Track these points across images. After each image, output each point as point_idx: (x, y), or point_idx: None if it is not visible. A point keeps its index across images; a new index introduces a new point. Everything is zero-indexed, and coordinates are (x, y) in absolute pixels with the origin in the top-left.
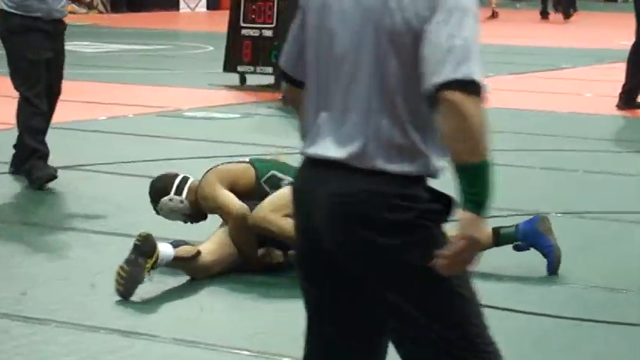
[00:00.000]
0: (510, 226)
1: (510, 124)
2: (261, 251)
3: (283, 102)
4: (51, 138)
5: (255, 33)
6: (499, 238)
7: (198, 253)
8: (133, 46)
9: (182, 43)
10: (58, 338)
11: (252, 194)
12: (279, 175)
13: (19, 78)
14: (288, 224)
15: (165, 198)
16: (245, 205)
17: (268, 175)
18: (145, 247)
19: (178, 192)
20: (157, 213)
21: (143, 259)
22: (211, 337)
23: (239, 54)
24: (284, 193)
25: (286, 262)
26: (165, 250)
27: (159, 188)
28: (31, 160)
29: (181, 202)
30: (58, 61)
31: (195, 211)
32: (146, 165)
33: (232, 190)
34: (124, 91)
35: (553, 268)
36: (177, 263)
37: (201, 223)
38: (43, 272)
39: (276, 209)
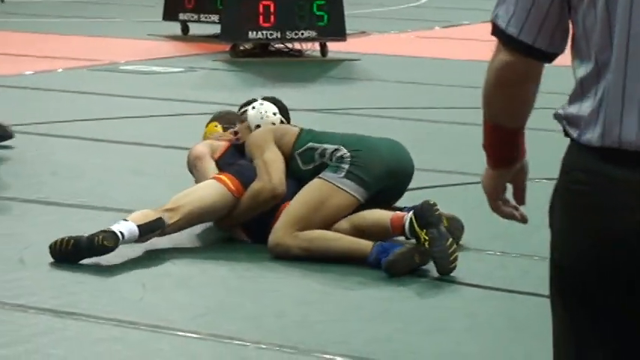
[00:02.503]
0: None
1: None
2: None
3: (233, 54)
4: None
5: None
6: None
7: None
8: None
9: None
10: None
11: (286, 158)
12: (315, 145)
13: None
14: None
15: (275, 108)
16: (285, 183)
17: (305, 147)
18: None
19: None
20: (248, 102)
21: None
22: (155, 318)
23: (181, 0)
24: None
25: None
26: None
27: (281, 104)
28: None
29: (273, 123)
30: None
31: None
32: (79, 125)
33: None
34: (52, 42)
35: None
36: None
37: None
38: None
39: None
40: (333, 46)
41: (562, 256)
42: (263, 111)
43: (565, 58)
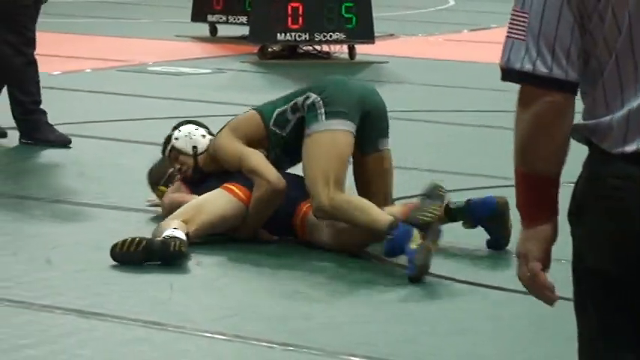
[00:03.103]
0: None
1: None
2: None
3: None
4: None
5: None
6: (451, 212)
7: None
8: None
9: None
10: (11, 318)
11: (264, 141)
12: (282, 108)
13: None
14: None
15: (192, 126)
16: (281, 176)
17: (274, 116)
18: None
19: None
20: (166, 140)
21: None
22: (181, 319)
23: (209, 1)
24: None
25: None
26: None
27: (191, 120)
28: None
29: (203, 136)
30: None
31: (204, 162)
32: (107, 126)
33: (247, 142)
34: (80, 42)
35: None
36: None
37: None
38: None
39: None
40: (362, 49)
41: (599, 260)
42: (186, 132)
43: None
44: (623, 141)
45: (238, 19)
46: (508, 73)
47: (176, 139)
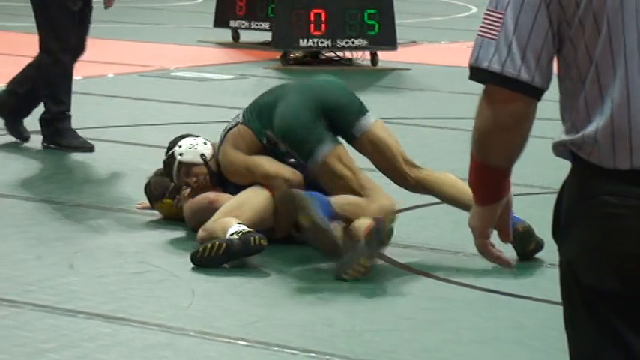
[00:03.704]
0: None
1: None
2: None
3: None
4: None
5: None
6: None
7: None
8: None
9: None
10: (34, 323)
11: (264, 153)
12: (269, 133)
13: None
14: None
15: (189, 138)
16: (295, 170)
17: (265, 136)
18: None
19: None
20: (169, 159)
21: None
22: (204, 324)
23: (232, 7)
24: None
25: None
26: None
27: (184, 135)
28: None
29: (205, 143)
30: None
31: (215, 167)
32: (128, 130)
33: (250, 154)
34: (103, 47)
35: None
36: None
37: None
38: (15, 250)
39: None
40: (384, 55)
41: (597, 277)
42: (189, 146)
43: None
44: (612, 155)
45: (261, 25)
46: (475, 72)
47: (181, 154)
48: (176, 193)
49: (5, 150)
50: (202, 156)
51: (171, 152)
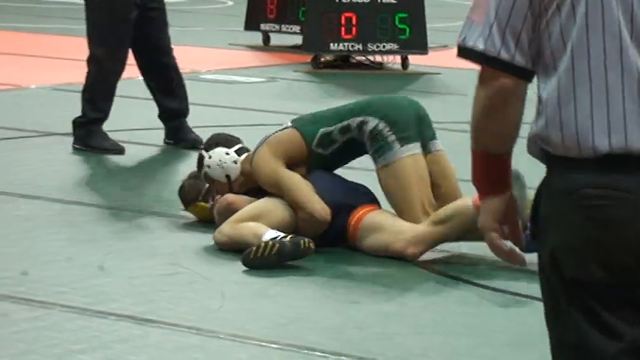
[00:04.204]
0: None
1: None
2: None
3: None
4: (47, 100)
5: None
6: None
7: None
8: None
9: None
10: (64, 324)
11: (307, 160)
12: (327, 129)
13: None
14: None
15: (222, 149)
16: (326, 206)
17: (318, 136)
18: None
19: (238, 153)
20: (199, 163)
21: None
22: (234, 327)
23: (263, 10)
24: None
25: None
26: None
27: (221, 139)
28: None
29: (235, 162)
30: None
31: (242, 182)
32: (159, 133)
33: (288, 162)
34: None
35: None
36: None
37: None
38: (45, 251)
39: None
40: (414, 59)
41: (582, 267)
42: (217, 161)
43: None
44: (587, 145)
45: (291, 29)
46: (462, 51)
47: (208, 166)
48: (209, 196)
49: (34, 152)
50: (227, 177)
51: (202, 154)
